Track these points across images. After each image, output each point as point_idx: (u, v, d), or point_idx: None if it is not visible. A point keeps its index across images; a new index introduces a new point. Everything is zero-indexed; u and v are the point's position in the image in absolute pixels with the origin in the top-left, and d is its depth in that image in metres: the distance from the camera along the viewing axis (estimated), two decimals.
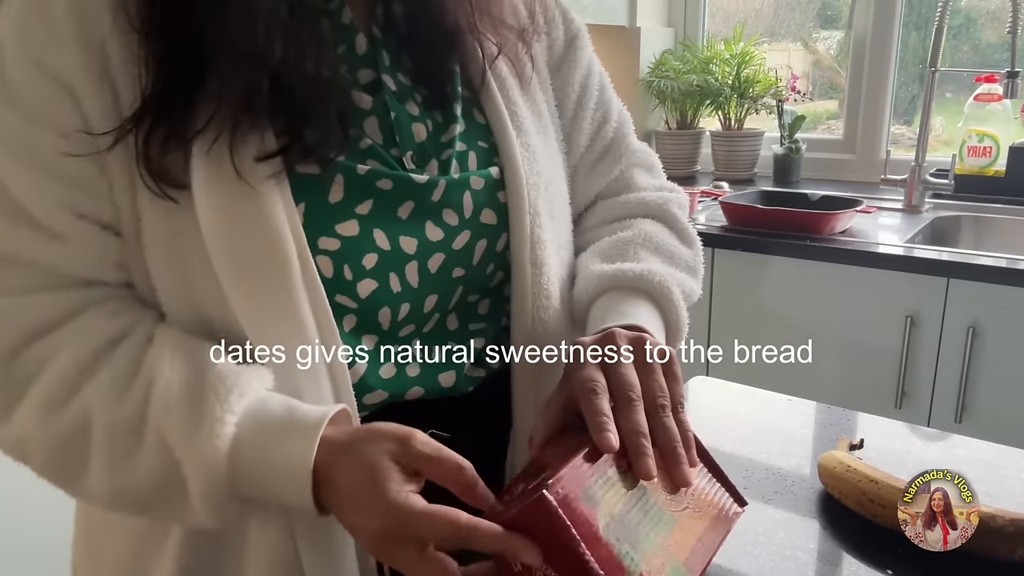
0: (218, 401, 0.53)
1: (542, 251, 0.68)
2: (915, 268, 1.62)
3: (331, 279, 0.59)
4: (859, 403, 1.60)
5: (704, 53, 2.51)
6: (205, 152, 0.54)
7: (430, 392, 0.66)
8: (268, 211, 0.55)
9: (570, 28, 0.80)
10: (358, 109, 0.62)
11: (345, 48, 0.63)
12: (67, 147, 0.54)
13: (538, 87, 0.75)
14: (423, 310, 0.65)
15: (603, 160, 0.82)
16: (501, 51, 0.69)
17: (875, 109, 2.33)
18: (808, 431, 0.95)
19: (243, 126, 0.55)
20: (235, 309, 0.55)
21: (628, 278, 0.69)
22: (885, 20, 2.27)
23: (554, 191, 0.71)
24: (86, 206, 0.56)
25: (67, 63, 0.54)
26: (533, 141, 0.70)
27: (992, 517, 0.67)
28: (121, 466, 0.54)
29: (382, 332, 0.64)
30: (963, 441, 0.90)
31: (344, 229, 0.59)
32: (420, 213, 0.63)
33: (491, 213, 0.66)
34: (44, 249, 0.56)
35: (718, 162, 2.50)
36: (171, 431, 0.53)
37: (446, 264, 0.65)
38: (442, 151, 0.65)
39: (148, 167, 0.54)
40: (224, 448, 0.53)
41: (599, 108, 0.81)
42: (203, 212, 0.55)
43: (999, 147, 2.07)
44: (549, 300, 0.69)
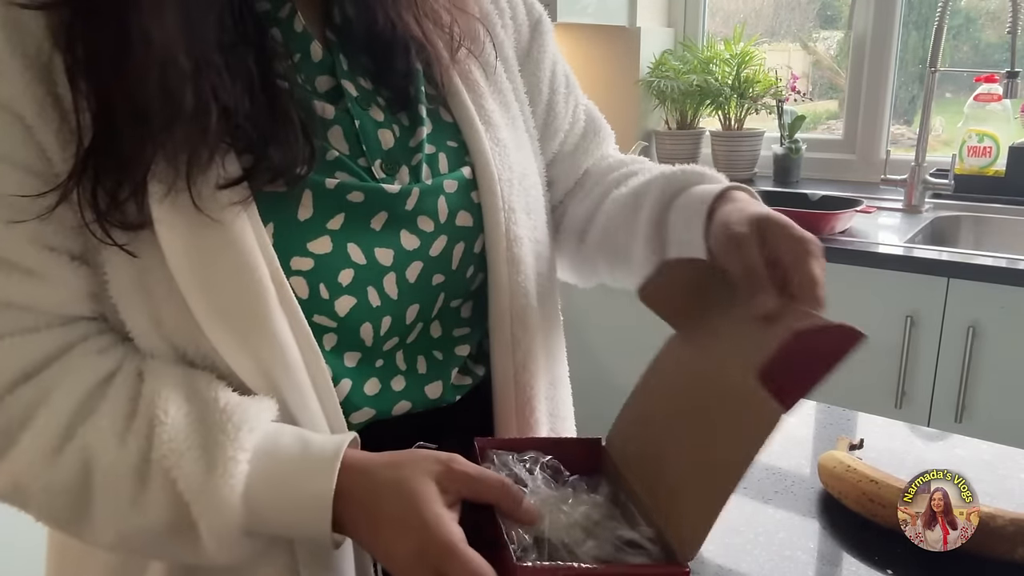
0: (228, 440, 0.52)
1: (518, 248, 0.67)
2: (915, 268, 1.62)
3: (307, 300, 0.57)
4: (859, 403, 1.59)
5: (704, 53, 2.51)
6: (163, 190, 0.52)
7: (417, 406, 0.65)
8: (236, 237, 0.53)
9: (532, 12, 0.79)
10: (321, 119, 0.60)
11: (300, 56, 0.61)
12: (25, 180, 0.51)
13: (504, 75, 0.73)
14: (405, 321, 0.63)
15: (586, 138, 0.84)
16: (462, 43, 0.67)
17: (875, 109, 2.32)
18: (808, 431, 0.95)
19: (201, 158, 0.52)
20: (211, 339, 0.53)
21: (697, 170, 0.71)
22: (885, 20, 2.27)
23: (528, 184, 0.70)
24: (54, 239, 0.53)
25: (11, 92, 0.50)
26: (503, 135, 0.69)
27: (992, 517, 0.67)
28: (127, 510, 0.52)
29: (365, 348, 0.62)
30: (963, 441, 0.90)
31: (316, 247, 0.57)
32: (394, 223, 0.61)
33: (466, 215, 0.65)
34: (18, 289, 0.53)
35: (718, 162, 2.50)
36: (181, 473, 0.51)
37: (425, 272, 0.63)
38: (411, 156, 0.63)
39: (98, 218, 0.51)
40: (239, 489, 0.51)
41: (570, 89, 0.83)
42: (168, 247, 0.52)
43: (999, 147, 2.07)
44: (527, 298, 0.68)
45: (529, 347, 0.69)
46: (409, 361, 0.65)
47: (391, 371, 0.64)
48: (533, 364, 0.70)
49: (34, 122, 0.51)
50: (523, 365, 0.69)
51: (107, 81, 0.50)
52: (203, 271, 0.53)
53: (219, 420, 0.52)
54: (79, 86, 0.50)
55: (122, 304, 0.54)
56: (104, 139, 0.50)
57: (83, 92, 0.50)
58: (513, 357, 0.68)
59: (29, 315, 0.54)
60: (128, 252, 0.52)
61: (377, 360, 0.63)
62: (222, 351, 0.54)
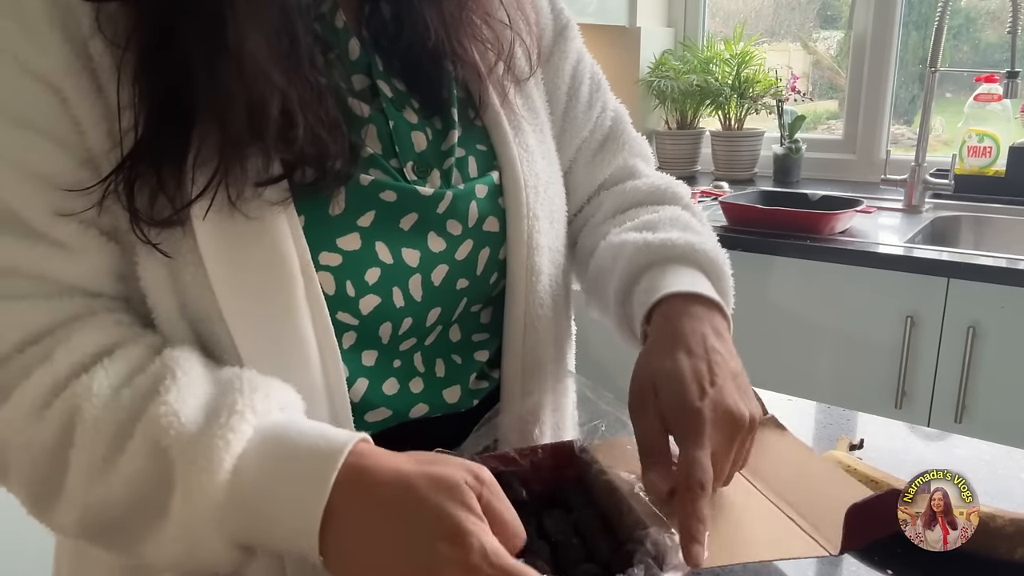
0: (241, 397, 0.49)
1: (539, 257, 0.67)
2: (915, 268, 1.62)
3: (332, 296, 0.57)
4: (859, 403, 1.60)
5: (704, 53, 2.51)
6: (203, 186, 0.51)
7: (435, 410, 0.65)
8: (270, 228, 0.53)
9: (559, 19, 0.78)
10: (356, 117, 0.60)
11: (338, 52, 0.61)
12: (56, 152, 0.51)
13: (531, 82, 0.73)
14: (425, 323, 0.63)
15: (604, 149, 0.80)
16: (500, 58, 0.67)
17: (875, 109, 2.32)
18: (808, 431, 0.95)
19: (247, 155, 0.52)
20: (230, 326, 0.53)
21: (676, 250, 0.67)
22: (885, 20, 2.27)
23: (553, 193, 0.70)
24: (85, 214, 0.53)
25: (49, 63, 0.50)
26: (530, 141, 0.69)
27: (992, 517, 0.67)
28: (98, 471, 0.48)
29: (382, 347, 0.62)
30: (963, 441, 0.90)
31: (346, 243, 0.57)
32: (423, 225, 0.61)
33: (494, 220, 0.65)
34: (43, 259, 0.52)
35: (718, 162, 2.50)
36: (175, 421, 0.47)
37: (450, 276, 0.63)
38: (443, 160, 0.63)
39: (134, 216, 0.51)
40: (236, 448, 0.47)
41: (593, 97, 0.80)
42: (205, 239, 0.52)
43: (999, 147, 2.07)
44: (543, 308, 0.68)
45: (539, 356, 0.69)
46: (428, 363, 0.65)
47: (410, 372, 0.64)
48: (540, 373, 0.70)
49: (70, 95, 0.51)
50: (531, 373, 0.69)
51: (180, 85, 0.50)
52: (234, 260, 0.52)
53: (236, 383, 0.50)
54: (130, 80, 0.50)
55: (149, 286, 0.54)
56: (155, 137, 0.50)
57: (135, 87, 0.50)
58: (522, 365, 0.68)
59: (51, 284, 0.53)
60: (163, 252, 0.52)
61: (395, 360, 0.63)
62: (238, 341, 0.53)
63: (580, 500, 0.60)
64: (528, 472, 0.60)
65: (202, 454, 0.47)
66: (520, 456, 0.60)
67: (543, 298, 0.68)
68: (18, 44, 0.50)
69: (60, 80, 0.51)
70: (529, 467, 0.60)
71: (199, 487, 0.46)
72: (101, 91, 0.52)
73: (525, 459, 0.60)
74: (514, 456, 0.60)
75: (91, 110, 0.51)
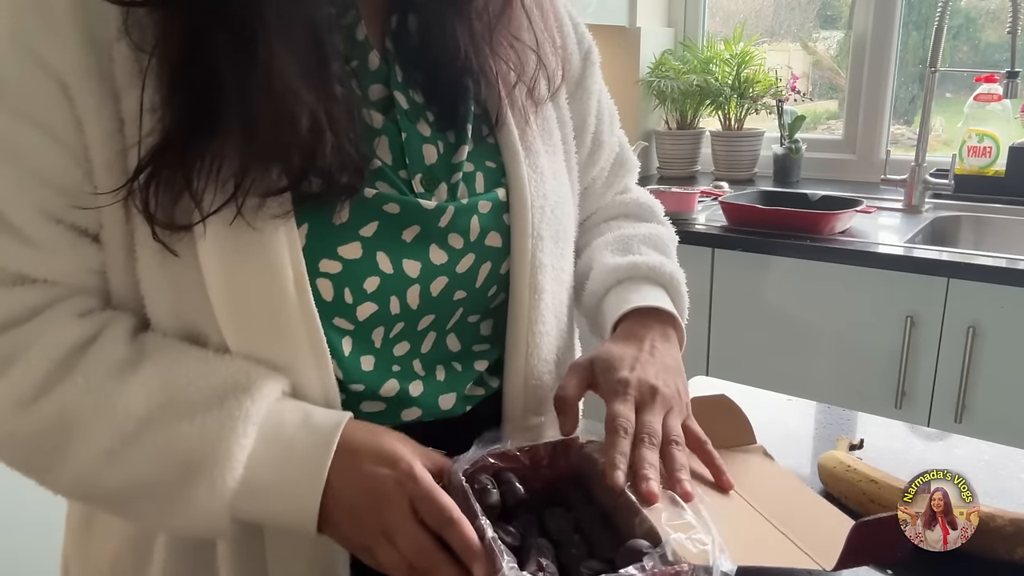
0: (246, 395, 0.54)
1: (541, 276, 0.67)
2: (915, 268, 1.62)
3: (330, 302, 0.58)
4: (859, 403, 1.60)
5: (704, 53, 2.51)
6: (212, 193, 0.52)
7: (428, 414, 0.65)
8: (268, 239, 0.54)
9: (583, 42, 0.80)
10: (369, 128, 0.60)
11: (357, 63, 0.61)
12: (51, 148, 0.52)
13: (549, 104, 0.73)
14: (417, 328, 0.64)
15: (617, 169, 0.88)
16: (521, 79, 0.67)
17: (875, 109, 2.32)
18: (808, 431, 0.95)
19: (270, 169, 0.53)
20: (223, 331, 0.55)
21: (642, 270, 0.76)
22: (885, 20, 2.27)
23: (560, 213, 0.70)
24: (64, 211, 0.54)
25: (64, 59, 0.51)
26: (541, 162, 0.69)
27: (992, 517, 0.67)
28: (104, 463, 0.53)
29: (375, 350, 0.62)
30: (963, 441, 0.90)
31: (347, 252, 0.58)
32: (425, 237, 0.62)
33: (496, 236, 0.65)
34: (13, 255, 0.54)
35: (718, 162, 2.50)
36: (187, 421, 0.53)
37: (448, 287, 0.64)
38: (451, 174, 0.64)
39: (148, 220, 0.52)
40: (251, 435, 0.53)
41: (613, 122, 0.85)
42: (205, 245, 0.53)
43: (999, 147, 2.07)
44: (544, 326, 0.69)
45: (541, 373, 0.70)
46: (428, 368, 0.66)
47: (408, 376, 0.64)
48: (543, 390, 0.70)
49: (77, 95, 0.52)
50: (534, 390, 0.70)
51: (208, 96, 0.50)
52: (231, 267, 0.53)
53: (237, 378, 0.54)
54: (153, 86, 0.51)
55: (146, 285, 0.55)
56: (177, 144, 0.51)
57: (159, 94, 0.51)
58: (525, 382, 0.69)
59: (13, 276, 0.55)
60: (171, 250, 0.53)
61: (393, 365, 0.64)
62: (231, 343, 0.55)
63: (580, 498, 0.60)
64: (528, 470, 0.60)
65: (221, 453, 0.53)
66: (521, 453, 0.60)
67: (545, 316, 0.69)
68: (38, 38, 0.51)
69: (71, 79, 0.51)
70: (529, 465, 0.61)
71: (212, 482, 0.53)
72: (116, 95, 0.52)
73: (525, 456, 0.61)
74: (515, 453, 0.60)
75: (97, 112, 0.52)
